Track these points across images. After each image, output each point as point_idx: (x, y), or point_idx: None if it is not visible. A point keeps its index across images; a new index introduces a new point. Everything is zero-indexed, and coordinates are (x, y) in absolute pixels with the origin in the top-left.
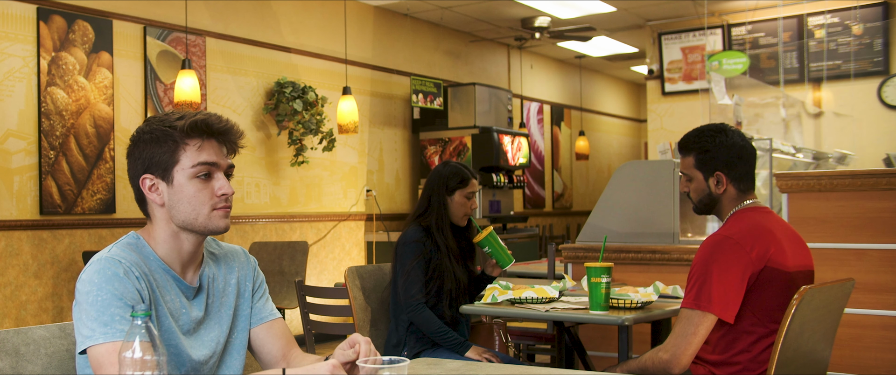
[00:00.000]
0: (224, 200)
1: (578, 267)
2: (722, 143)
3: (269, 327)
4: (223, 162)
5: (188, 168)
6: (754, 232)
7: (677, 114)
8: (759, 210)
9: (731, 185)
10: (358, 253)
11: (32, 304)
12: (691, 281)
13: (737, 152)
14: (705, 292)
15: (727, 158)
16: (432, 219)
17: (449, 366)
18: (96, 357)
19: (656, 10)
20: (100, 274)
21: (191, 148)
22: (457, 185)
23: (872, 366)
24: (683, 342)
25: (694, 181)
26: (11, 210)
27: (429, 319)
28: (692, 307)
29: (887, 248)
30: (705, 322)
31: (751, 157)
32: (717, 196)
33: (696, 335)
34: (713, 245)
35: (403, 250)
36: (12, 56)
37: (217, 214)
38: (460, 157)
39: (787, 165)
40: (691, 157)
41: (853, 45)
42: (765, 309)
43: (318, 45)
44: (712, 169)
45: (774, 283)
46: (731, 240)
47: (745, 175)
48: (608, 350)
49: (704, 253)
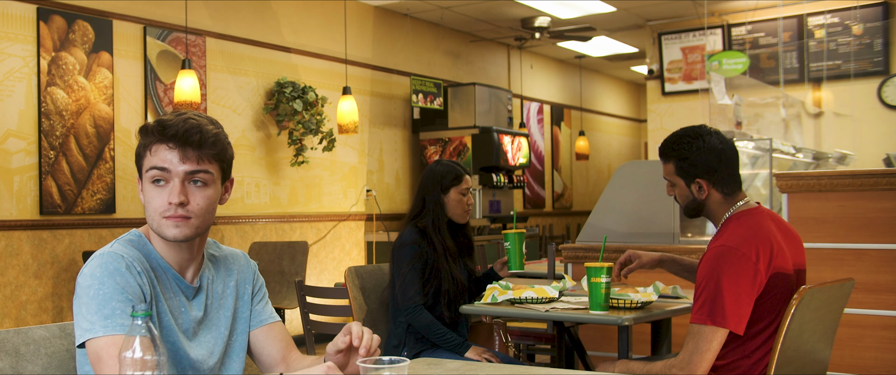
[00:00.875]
0: (174, 209)
1: (578, 266)
2: (700, 148)
3: (268, 330)
4: (175, 168)
5: (144, 171)
6: (756, 240)
7: (677, 114)
8: (753, 212)
9: (715, 190)
10: (358, 253)
11: (32, 304)
12: (701, 296)
13: (716, 156)
14: (719, 307)
15: (707, 163)
16: (429, 219)
17: (449, 366)
18: (95, 350)
19: (656, 10)
20: (102, 268)
21: (151, 152)
22: (451, 183)
23: (872, 366)
24: (698, 358)
25: (677, 187)
26: (11, 210)
27: (426, 321)
28: (705, 323)
29: (887, 248)
30: (718, 337)
31: (732, 159)
32: (702, 201)
33: (710, 351)
34: (718, 257)
35: (400, 253)
36: (12, 56)
37: (166, 223)
38: (460, 157)
39: (787, 165)
40: (671, 164)
41: (853, 45)
42: (767, 313)
43: (318, 45)
44: (693, 175)
45: (779, 288)
46: (738, 252)
47: (728, 177)
48: (608, 350)
49: (710, 265)
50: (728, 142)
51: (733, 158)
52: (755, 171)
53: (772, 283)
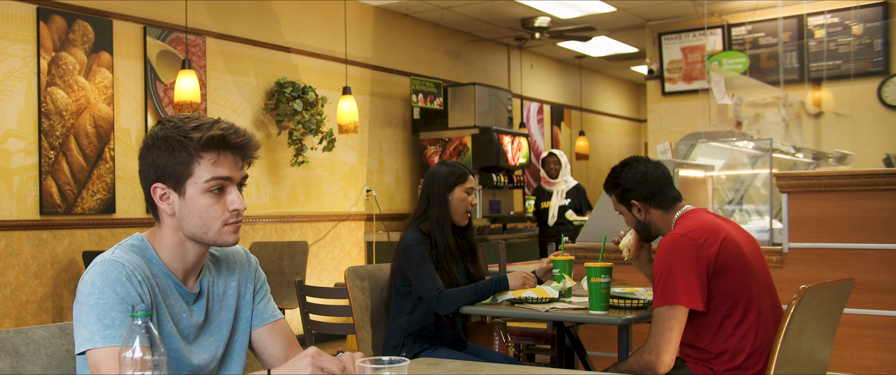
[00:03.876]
0: (235, 215)
1: (578, 266)
2: (627, 176)
3: (271, 328)
4: (237, 175)
5: (202, 182)
6: (703, 226)
7: (677, 114)
8: (694, 210)
9: (652, 208)
10: (358, 253)
11: (32, 304)
12: (656, 282)
13: (642, 178)
14: (670, 287)
15: (636, 187)
16: (433, 218)
17: (449, 366)
18: (94, 361)
19: (656, 10)
20: (102, 277)
21: (205, 161)
22: (456, 181)
23: (872, 366)
24: (662, 339)
25: (624, 215)
26: (11, 210)
27: (456, 294)
28: (661, 304)
29: (887, 248)
30: (678, 315)
31: (660, 179)
32: (646, 222)
33: (672, 330)
34: (668, 244)
35: (407, 254)
36: (12, 56)
37: (228, 230)
38: (460, 157)
39: (787, 165)
40: (614, 196)
41: (853, 45)
42: (732, 293)
43: (318, 45)
44: (628, 200)
45: (734, 267)
46: (685, 238)
47: (660, 194)
48: (608, 350)
49: (662, 253)
50: (655, 165)
51: (662, 178)
52: (755, 171)
53: (723, 261)
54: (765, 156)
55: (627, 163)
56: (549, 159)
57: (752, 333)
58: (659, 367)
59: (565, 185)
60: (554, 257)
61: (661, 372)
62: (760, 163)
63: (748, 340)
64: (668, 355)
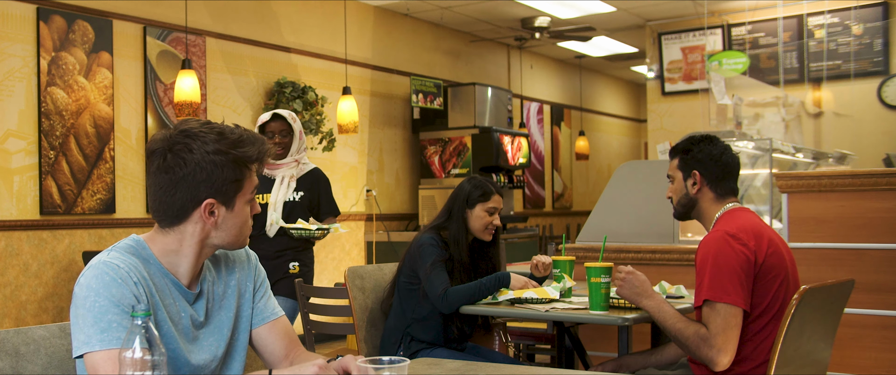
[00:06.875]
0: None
1: (578, 266)
2: (703, 149)
3: (272, 327)
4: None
5: (248, 193)
6: (749, 229)
7: (677, 114)
8: (745, 209)
9: (708, 187)
10: (358, 253)
11: (32, 304)
12: (705, 274)
13: (716, 158)
14: (729, 285)
15: (705, 160)
16: (451, 230)
17: (449, 366)
18: (92, 365)
19: (656, 10)
20: (97, 279)
21: (252, 174)
22: (478, 198)
23: (872, 366)
24: (725, 338)
25: (675, 182)
26: (11, 210)
27: (461, 292)
28: (718, 299)
29: (887, 248)
30: (738, 315)
31: (730, 165)
32: (694, 197)
33: (734, 328)
34: (714, 242)
35: (424, 251)
36: (12, 56)
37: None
38: (460, 157)
39: (787, 165)
40: (676, 159)
41: (853, 45)
42: (766, 303)
43: (318, 44)
44: (690, 167)
45: (776, 277)
46: (733, 237)
47: (723, 180)
48: (608, 350)
49: (708, 249)
50: (732, 155)
51: (732, 166)
52: (755, 171)
53: (766, 269)
54: (765, 156)
55: (711, 140)
56: (272, 125)
57: (769, 342)
58: (719, 366)
59: (297, 169)
60: (554, 257)
61: (720, 370)
62: (760, 163)
63: (764, 348)
64: (729, 356)
